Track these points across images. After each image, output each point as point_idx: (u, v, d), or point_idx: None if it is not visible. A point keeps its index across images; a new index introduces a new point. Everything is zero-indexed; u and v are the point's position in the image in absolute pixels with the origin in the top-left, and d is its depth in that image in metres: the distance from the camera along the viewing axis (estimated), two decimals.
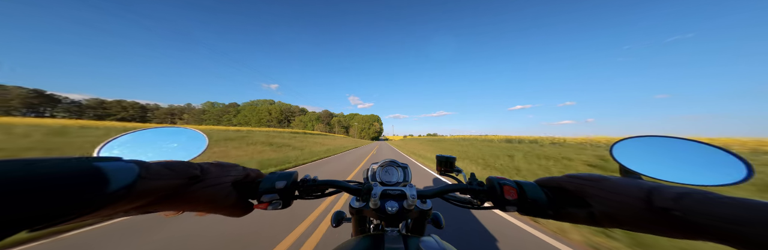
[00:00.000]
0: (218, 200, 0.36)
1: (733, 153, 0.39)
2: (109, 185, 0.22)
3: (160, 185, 0.28)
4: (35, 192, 0.17)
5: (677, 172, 0.42)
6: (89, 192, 0.20)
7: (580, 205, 0.37)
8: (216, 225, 2.62)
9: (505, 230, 2.72)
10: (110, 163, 0.24)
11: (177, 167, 0.31)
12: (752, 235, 0.22)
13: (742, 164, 0.37)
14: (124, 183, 0.23)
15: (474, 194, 0.50)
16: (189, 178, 0.32)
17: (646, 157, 0.46)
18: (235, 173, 0.40)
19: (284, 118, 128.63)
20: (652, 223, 0.29)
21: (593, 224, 0.35)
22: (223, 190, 0.37)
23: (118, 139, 0.49)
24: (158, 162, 0.30)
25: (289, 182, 0.45)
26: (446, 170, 0.71)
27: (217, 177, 0.36)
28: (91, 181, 0.21)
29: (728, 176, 0.37)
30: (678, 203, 0.27)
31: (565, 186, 0.40)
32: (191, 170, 0.32)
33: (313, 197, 0.51)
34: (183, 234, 2.43)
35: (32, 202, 0.17)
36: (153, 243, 2.25)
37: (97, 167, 0.22)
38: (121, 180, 0.23)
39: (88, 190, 0.20)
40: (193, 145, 0.52)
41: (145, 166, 0.27)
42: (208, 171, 0.36)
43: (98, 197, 0.21)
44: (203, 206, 0.35)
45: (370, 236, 0.56)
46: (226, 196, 0.37)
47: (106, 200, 0.22)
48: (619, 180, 0.35)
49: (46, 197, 0.18)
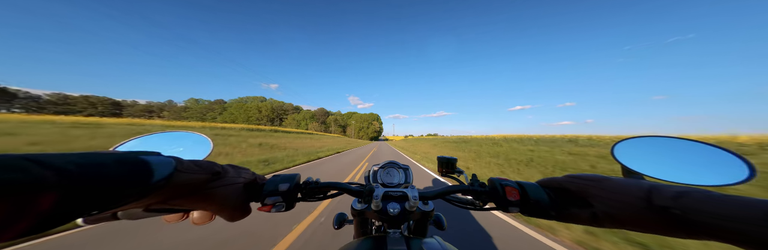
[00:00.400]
0: (230, 199, 0.37)
1: (735, 153, 0.40)
2: (153, 176, 0.24)
3: (191, 178, 0.30)
4: (97, 179, 0.19)
5: (679, 172, 0.42)
6: (138, 181, 0.23)
7: (582, 205, 0.37)
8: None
9: (495, 225, 2.76)
10: (153, 157, 0.26)
11: (203, 163, 0.34)
12: (752, 233, 0.22)
13: (744, 164, 0.38)
14: (164, 174, 0.26)
15: (476, 195, 0.50)
16: (212, 174, 0.34)
17: (648, 157, 0.47)
18: (246, 175, 0.42)
19: (276, 116, 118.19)
20: (653, 222, 0.29)
21: (595, 225, 0.35)
22: (236, 190, 0.38)
23: (126, 143, 0.50)
24: (188, 159, 0.32)
25: (292, 185, 0.45)
26: (448, 171, 0.71)
27: (233, 177, 0.39)
28: (140, 171, 0.23)
29: (731, 176, 0.38)
30: (677, 202, 0.27)
31: (566, 187, 0.40)
32: (215, 168, 0.35)
33: (316, 199, 0.51)
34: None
35: (93, 187, 0.19)
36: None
37: (144, 159, 0.25)
38: (162, 172, 0.25)
39: (138, 179, 0.23)
40: (198, 149, 0.55)
41: (180, 161, 0.30)
42: (226, 170, 0.38)
43: (145, 185, 0.23)
44: (215, 205, 0.36)
45: (372, 237, 0.55)
46: (237, 197, 0.39)
47: (150, 188, 0.24)
48: (620, 180, 0.35)
49: (104, 184, 0.20)
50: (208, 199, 0.35)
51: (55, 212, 0.17)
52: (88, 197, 0.19)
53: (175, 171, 0.27)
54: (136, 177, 0.23)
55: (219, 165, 0.37)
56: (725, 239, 0.24)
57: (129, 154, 0.24)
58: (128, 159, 0.23)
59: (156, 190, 0.25)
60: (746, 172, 0.37)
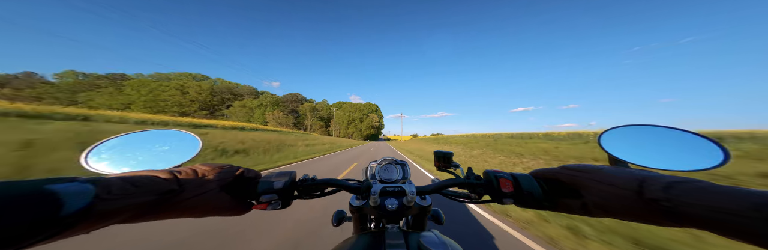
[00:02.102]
0: (208, 207, 0.35)
1: (711, 139, 0.41)
2: (63, 209, 0.20)
3: (125, 204, 0.26)
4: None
5: (662, 159, 0.44)
6: (40, 216, 0.19)
7: (573, 196, 0.38)
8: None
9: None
10: (64, 185, 0.22)
11: (144, 182, 0.29)
12: (739, 223, 0.22)
13: (719, 149, 0.40)
14: (79, 206, 0.21)
15: (472, 188, 0.51)
16: (162, 193, 0.30)
17: (633, 145, 0.48)
18: (222, 176, 0.39)
19: (220, 102, 77.20)
20: (643, 213, 0.29)
21: (587, 214, 0.36)
22: (211, 196, 0.36)
23: (106, 142, 0.47)
24: (124, 178, 0.28)
25: (288, 182, 0.45)
26: (444, 165, 0.71)
27: (199, 185, 0.35)
28: (41, 205, 0.19)
29: (708, 161, 0.40)
30: (667, 193, 0.27)
31: (559, 178, 0.41)
32: (165, 185, 0.30)
33: (313, 196, 0.51)
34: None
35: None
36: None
37: (50, 189, 0.21)
38: (74, 203, 0.21)
39: (39, 214, 0.19)
40: (186, 148, 0.51)
41: (105, 185, 0.25)
42: (187, 182, 0.34)
43: (51, 221, 0.20)
44: (192, 213, 0.34)
45: (371, 232, 0.56)
46: (217, 202, 0.36)
47: (61, 223, 0.20)
48: (612, 171, 0.35)
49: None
50: (178, 212, 0.32)
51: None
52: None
53: (96, 200, 0.23)
54: (37, 211, 0.19)
55: (174, 179, 0.32)
56: (714, 230, 0.24)
57: (33, 183, 0.20)
58: (27, 191, 0.19)
59: (76, 223, 0.21)
60: (721, 156, 0.39)
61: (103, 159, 0.45)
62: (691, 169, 0.41)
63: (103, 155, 0.45)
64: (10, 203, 0.18)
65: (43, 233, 0.19)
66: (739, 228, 0.22)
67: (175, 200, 0.31)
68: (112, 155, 0.46)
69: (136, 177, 0.29)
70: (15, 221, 0.18)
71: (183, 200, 0.32)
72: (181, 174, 0.35)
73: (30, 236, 0.19)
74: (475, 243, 2.37)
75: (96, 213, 0.23)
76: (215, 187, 0.37)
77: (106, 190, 0.24)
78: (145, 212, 0.28)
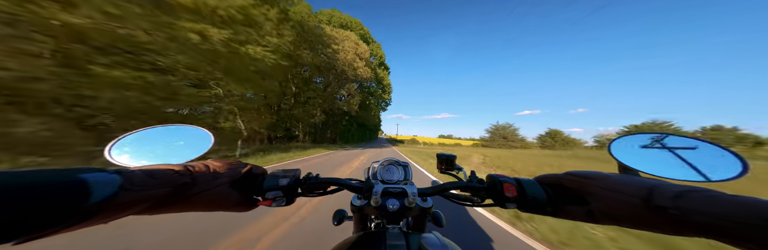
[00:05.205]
0: (217, 202, 0.36)
1: (729, 149, 0.39)
2: (91, 197, 0.22)
3: (145, 195, 0.27)
4: (18, 201, 0.17)
5: (674, 169, 0.42)
6: (71, 203, 0.20)
7: (579, 202, 0.37)
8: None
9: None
10: (94, 174, 0.23)
11: (162, 175, 0.30)
12: (747, 232, 0.22)
13: (737, 160, 0.37)
14: (105, 194, 0.23)
15: (474, 191, 0.51)
16: (177, 186, 0.31)
17: (644, 154, 0.46)
18: (231, 173, 0.40)
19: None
20: (651, 221, 0.29)
21: (592, 221, 0.35)
22: (221, 192, 0.37)
23: (127, 137, 0.50)
24: (145, 170, 0.29)
25: (293, 180, 0.47)
26: (447, 168, 0.71)
27: (210, 181, 0.36)
28: (73, 192, 0.21)
29: (725, 172, 0.38)
30: (676, 202, 0.27)
31: (564, 183, 0.40)
32: (179, 179, 0.32)
33: (315, 194, 0.53)
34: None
35: (14, 212, 0.17)
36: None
37: (81, 178, 0.22)
38: (102, 192, 0.22)
39: (71, 201, 0.20)
40: (199, 143, 0.53)
41: (129, 176, 0.26)
42: (199, 176, 0.35)
43: (80, 208, 0.21)
44: (202, 208, 0.35)
45: (371, 232, 0.56)
46: (226, 197, 0.37)
47: (88, 211, 0.21)
48: (620, 178, 0.35)
49: (28, 207, 0.18)
50: (188, 206, 0.33)
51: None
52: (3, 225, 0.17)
53: (121, 190, 0.24)
54: (69, 198, 0.20)
55: (188, 173, 0.33)
56: (722, 238, 0.24)
57: (67, 172, 0.22)
58: (63, 179, 0.20)
59: (101, 211, 0.23)
60: (739, 167, 0.37)
61: (125, 152, 0.48)
62: (706, 180, 0.39)
63: (126, 148, 0.48)
64: (46, 188, 0.19)
65: (67, 221, 0.20)
66: (749, 237, 0.22)
67: (187, 193, 0.32)
68: (132, 149, 0.49)
69: (155, 170, 0.30)
70: (49, 205, 0.19)
71: (195, 193, 0.33)
72: (195, 168, 0.36)
73: (62, 219, 0.20)
74: (475, 243, 2.39)
75: (118, 203, 0.24)
76: (225, 182, 0.38)
77: (129, 181, 0.25)
78: (160, 203, 0.29)
